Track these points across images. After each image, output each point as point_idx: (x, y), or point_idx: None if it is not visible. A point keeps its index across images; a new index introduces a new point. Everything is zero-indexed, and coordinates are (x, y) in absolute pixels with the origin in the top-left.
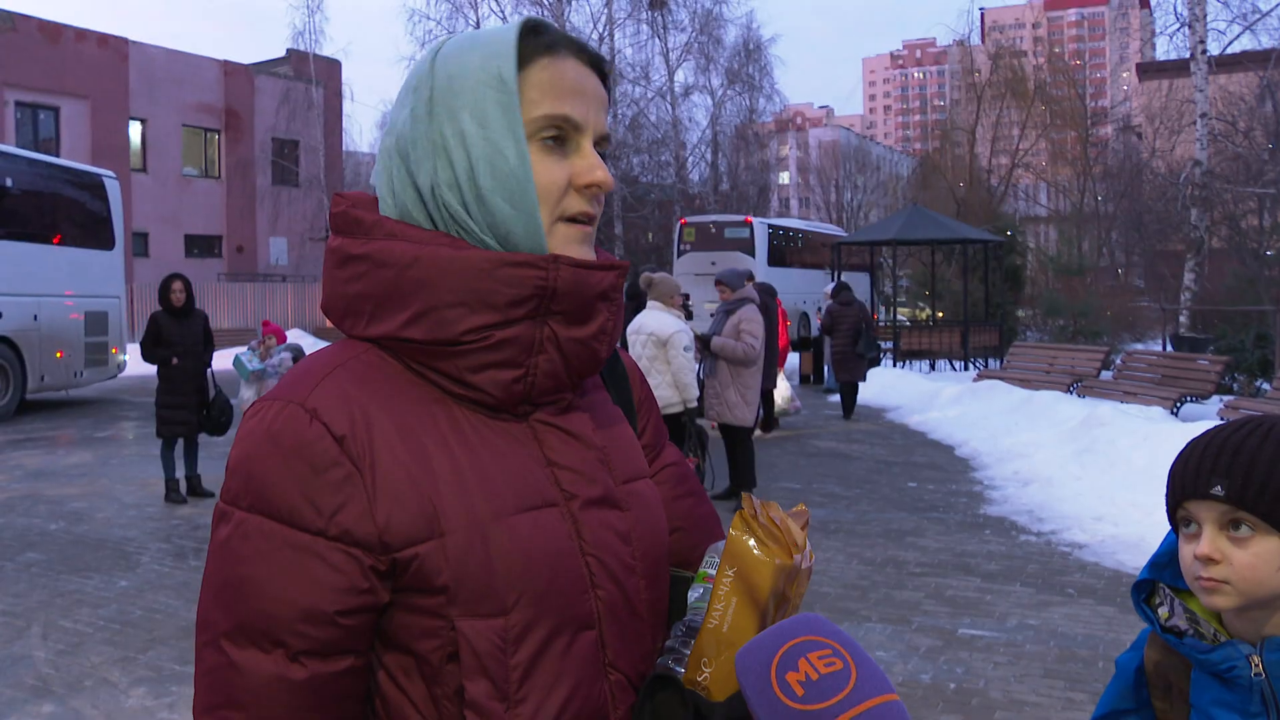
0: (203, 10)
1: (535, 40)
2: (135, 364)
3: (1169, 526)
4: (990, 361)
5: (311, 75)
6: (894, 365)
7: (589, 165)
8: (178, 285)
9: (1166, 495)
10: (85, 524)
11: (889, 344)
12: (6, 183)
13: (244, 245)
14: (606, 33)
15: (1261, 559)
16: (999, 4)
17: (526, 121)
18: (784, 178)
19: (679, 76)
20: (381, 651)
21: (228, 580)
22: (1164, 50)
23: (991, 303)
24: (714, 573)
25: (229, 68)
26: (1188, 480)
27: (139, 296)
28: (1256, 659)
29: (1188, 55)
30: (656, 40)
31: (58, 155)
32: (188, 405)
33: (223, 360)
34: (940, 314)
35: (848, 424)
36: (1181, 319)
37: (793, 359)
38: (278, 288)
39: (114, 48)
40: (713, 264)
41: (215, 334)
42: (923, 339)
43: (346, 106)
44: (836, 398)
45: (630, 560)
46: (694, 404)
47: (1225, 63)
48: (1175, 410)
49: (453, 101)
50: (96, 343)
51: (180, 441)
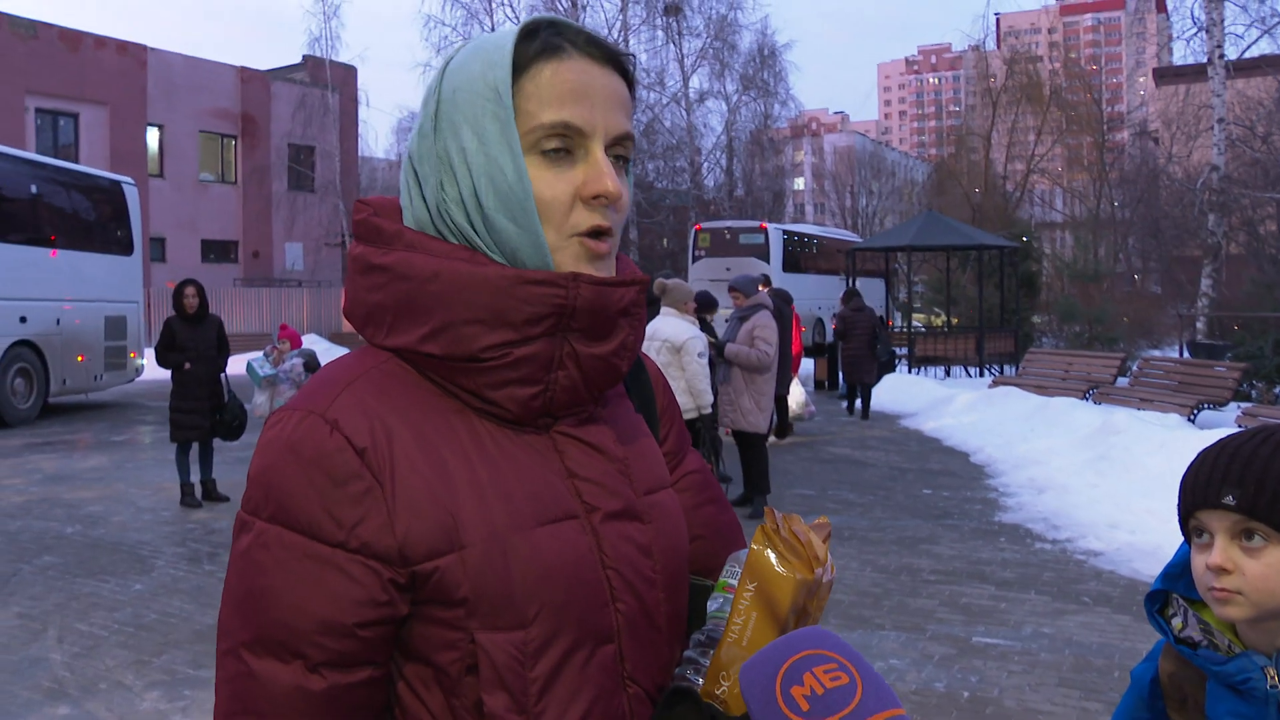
0: (221, 17)
1: (534, 43)
2: (152, 368)
3: (1183, 536)
4: (1005, 368)
5: (328, 81)
6: (909, 371)
7: (596, 174)
8: (190, 291)
9: (1178, 505)
10: (101, 528)
11: (904, 350)
12: (31, 189)
13: (260, 250)
14: (621, 38)
15: (1274, 569)
16: (1014, 9)
17: (524, 133)
18: (799, 183)
19: (694, 82)
20: (401, 662)
21: (248, 590)
22: (1181, 55)
23: (1007, 309)
24: (734, 583)
25: (246, 74)
26: (1199, 490)
27: (156, 301)
28: (1272, 671)
29: (1205, 60)
30: (671, 46)
31: (77, 161)
32: (200, 410)
33: (238, 365)
34: (955, 320)
35: (862, 430)
36: (1199, 325)
37: (807, 364)
38: (293, 293)
39: (133, 54)
40: (727, 270)
41: (231, 339)
42: (938, 345)
43: (362, 112)
44: (846, 404)
45: (651, 573)
46: (708, 410)
47: (1243, 67)
48: (1192, 417)
49: (455, 116)
50: (115, 347)
51: (195, 446)
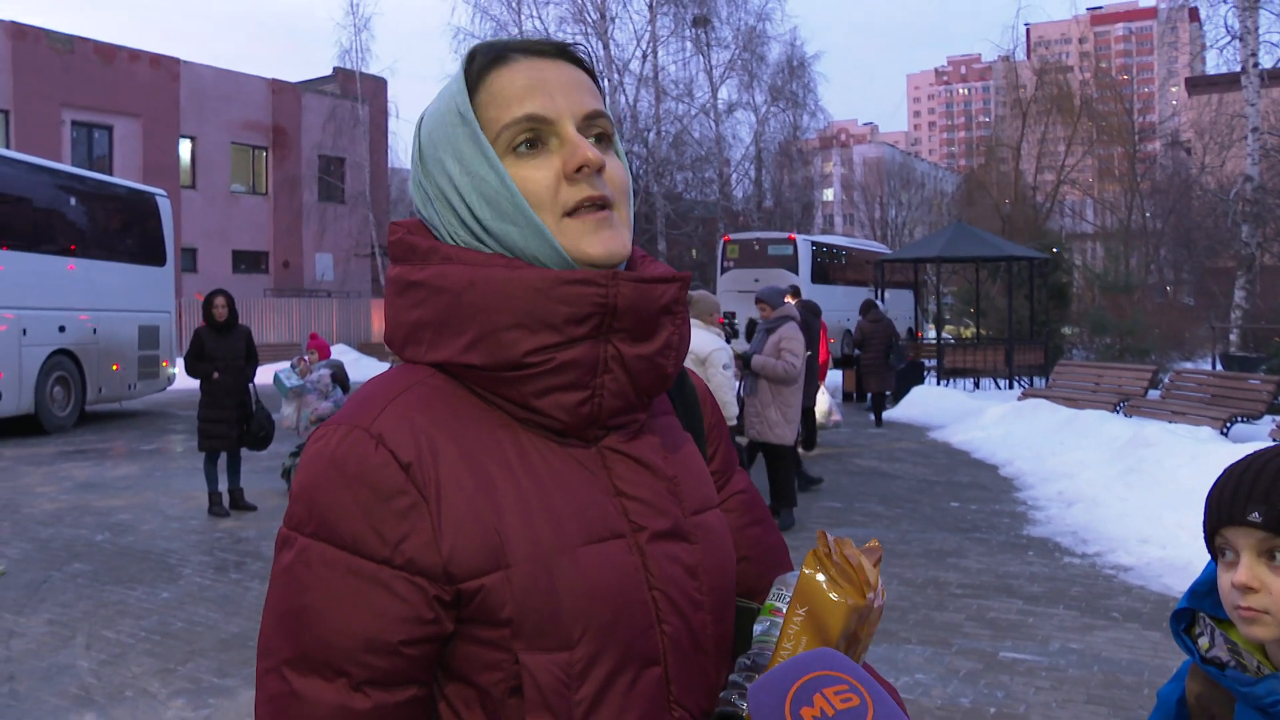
0: (252, 30)
1: (479, 62)
2: (184, 377)
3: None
4: (1035, 380)
5: (358, 93)
6: (938, 383)
7: (571, 149)
8: (220, 301)
9: (1204, 522)
10: (130, 535)
11: (932, 361)
12: (70, 202)
13: (290, 261)
14: (650, 50)
15: None
16: (1045, 19)
17: (494, 139)
18: (828, 194)
19: (722, 93)
20: (443, 682)
21: (290, 608)
22: (1214, 64)
23: (1036, 320)
24: (780, 605)
25: (277, 86)
26: (1224, 507)
27: (187, 311)
28: None
29: (1239, 69)
30: (700, 57)
31: (110, 173)
32: (228, 419)
33: (266, 375)
34: (984, 331)
35: (890, 443)
36: (1232, 337)
37: (834, 375)
38: (323, 303)
39: (165, 67)
40: (756, 281)
41: (261, 349)
42: (967, 357)
43: (392, 124)
44: (874, 416)
45: (697, 595)
46: (734, 422)
47: (1278, 75)
48: (1225, 431)
49: (436, 153)
50: (148, 356)
51: (223, 455)
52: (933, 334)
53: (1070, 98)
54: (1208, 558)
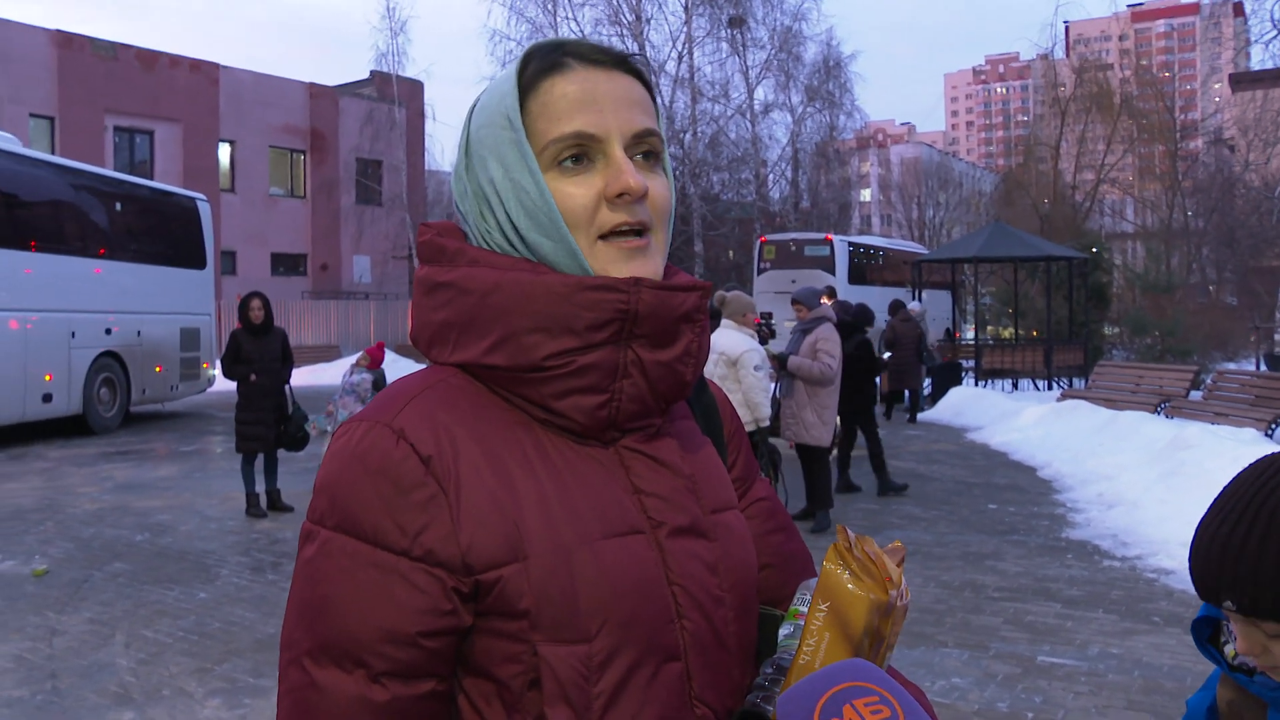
0: (290, 34)
1: (535, 66)
2: (223, 379)
3: None
4: (1074, 381)
5: (394, 96)
6: (976, 384)
7: (616, 173)
8: (256, 303)
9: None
10: (169, 536)
11: (970, 362)
12: (116, 206)
13: (328, 263)
14: (685, 51)
15: None
16: (1084, 17)
17: (540, 151)
18: (865, 195)
19: (759, 94)
20: (462, 676)
21: (311, 599)
22: (1259, 59)
23: (1076, 320)
24: (805, 610)
25: (314, 90)
26: (1199, 587)
27: (227, 313)
28: None
29: None
30: (736, 58)
31: (151, 177)
32: (265, 421)
33: (301, 377)
34: (1023, 332)
35: (927, 444)
36: (1276, 337)
37: None
38: (361, 305)
39: (205, 73)
40: (793, 282)
41: (299, 351)
42: (1005, 357)
43: (429, 126)
44: (908, 414)
45: (718, 591)
46: (766, 423)
47: None
48: (1270, 432)
49: (482, 151)
50: (190, 358)
51: (261, 456)
52: (971, 334)
53: (1110, 95)
54: None
